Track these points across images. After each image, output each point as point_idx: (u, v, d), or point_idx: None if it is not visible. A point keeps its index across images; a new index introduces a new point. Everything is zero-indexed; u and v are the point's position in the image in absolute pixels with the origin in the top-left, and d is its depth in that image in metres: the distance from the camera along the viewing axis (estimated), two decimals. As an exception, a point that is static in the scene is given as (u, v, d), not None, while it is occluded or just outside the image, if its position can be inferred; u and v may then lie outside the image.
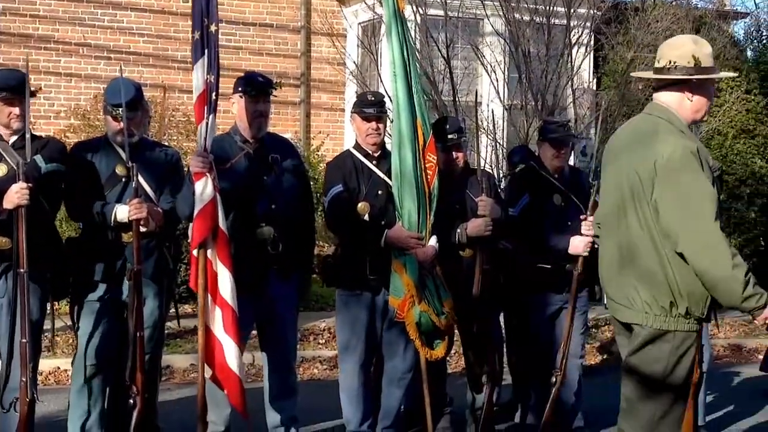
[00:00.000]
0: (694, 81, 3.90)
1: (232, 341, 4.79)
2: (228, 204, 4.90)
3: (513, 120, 10.11)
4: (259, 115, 5.18)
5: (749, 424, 6.44)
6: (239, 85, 5.20)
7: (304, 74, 12.34)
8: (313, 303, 9.89)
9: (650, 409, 4.02)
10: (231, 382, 4.84)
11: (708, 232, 3.74)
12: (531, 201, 5.81)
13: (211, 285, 4.80)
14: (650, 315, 3.91)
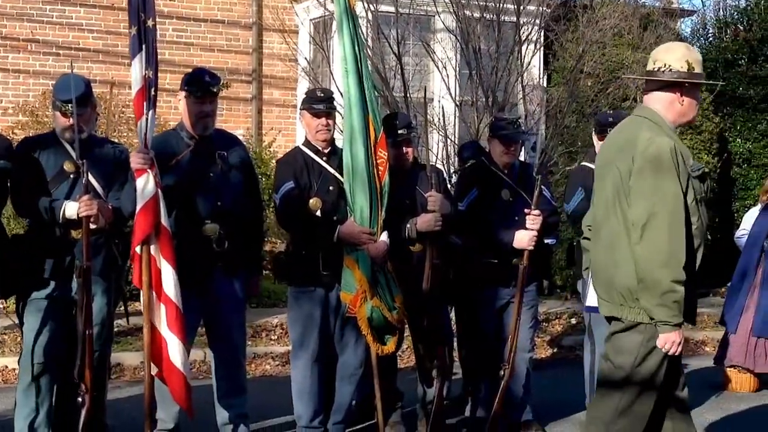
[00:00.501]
0: (686, 85, 4.08)
1: (176, 338, 4.77)
2: (173, 200, 4.88)
3: (464, 116, 10.17)
4: (204, 115, 5.17)
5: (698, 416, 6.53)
6: (185, 83, 5.18)
7: (256, 70, 12.29)
8: (265, 299, 9.88)
9: (614, 400, 4.09)
10: (176, 380, 4.82)
11: (659, 224, 3.86)
12: (479, 196, 5.86)
13: (155, 282, 4.78)
14: (624, 307, 4.03)
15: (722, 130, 12.69)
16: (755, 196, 12.54)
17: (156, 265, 4.78)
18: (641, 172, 3.94)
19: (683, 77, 4.06)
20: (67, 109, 4.90)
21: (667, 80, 4.08)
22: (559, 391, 7.02)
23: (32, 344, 4.95)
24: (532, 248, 5.65)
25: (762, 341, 7.25)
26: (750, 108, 12.98)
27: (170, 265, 4.78)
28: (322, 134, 5.42)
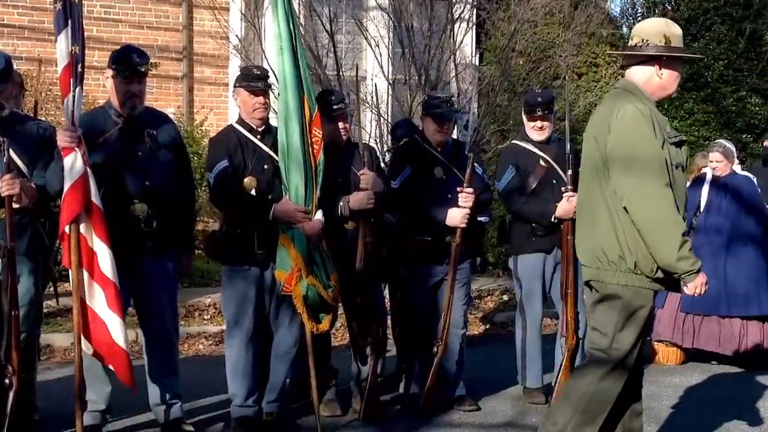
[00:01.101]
0: (664, 58, 4.22)
1: (116, 317, 4.72)
2: (100, 179, 4.79)
3: (397, 94, 10.18)
4: (132, 95, 5.09)
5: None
6: (112, 62, 5.09)
7: (186, 48, 12.11)
8: (198, 279, 9.80)
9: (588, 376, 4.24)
10: (119, 358, 4.78)
11: (649, 186, 4.03)
12: (413, 173, 5.88)
13: (87, 262, 4.71)
14: (601, 270, 4.17)
15: (650, 109, 12.89)
16: (682, 173, 12.81)
17: (88, 245, 4.70)
18: (619, 138, 4.09)
19: (661, 51, 4.21)
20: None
21: (645, 54, 4.24)
22: (491, 366, 7.10)
23: (-42, 326, 4.84)
24: (464, 226, 5.70)
25: (690, 317, 7.42)
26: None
27: (105, 245, 4.71)
28: (259, 113, 5.38)
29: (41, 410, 5.49)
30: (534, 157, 6.11)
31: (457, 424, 5.67)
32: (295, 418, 5.62)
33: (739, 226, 7.41)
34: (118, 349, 4.75)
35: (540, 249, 6.08)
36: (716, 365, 7.44)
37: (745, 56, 13.25)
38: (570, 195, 5.72)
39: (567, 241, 5.76)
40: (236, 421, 5.41)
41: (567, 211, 5.77)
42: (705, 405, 6.20)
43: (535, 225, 6.03)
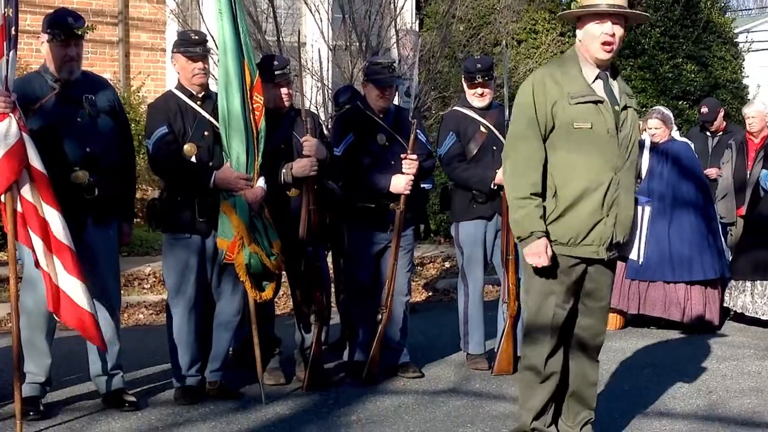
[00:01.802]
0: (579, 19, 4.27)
1: (77, 280, 4.63)
2: (38, 146, 4.66)
3: (338, 60, 10.11)
4: (69, 59, 4.96)
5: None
6: (47, 26, 4.94)
7: (122, 12, 11.86)
8: (137, 248, 9.68)
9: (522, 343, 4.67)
10: (86, 321, 4.69)
11: (509, 147, 4.32)
12: (355, 140, 5.84)
13: (40, 230, 4.59)
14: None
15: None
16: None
17: (39, 213, 4.58)
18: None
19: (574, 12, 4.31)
20: None
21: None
22: (434, 333, 7.14)
23: None
24: (408, 192, 5.69)
25: (635, 283, 7.51)
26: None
27: (54, 210, 4.60)
28: (198, 78, 5.28)
29: (-23, 382, 5.41)
30: (474, 123, 6.12)
31: (402, 391, 5.69)
32: (239, 387, 5.59)
33: (680, 192, 7.52)
34: (85, 313, 4.67)
35: (481, 216, 6.10)
36: (655, 330, 7.57)
37: (681, 23, 13.38)
38: None
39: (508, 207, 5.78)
40: (179, 391, 5.36)
41: (507, 177, 5.80)
42: (643, 369, 6.31)
43: (476, 192, 6.05)
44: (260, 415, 5.16)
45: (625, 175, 4.24)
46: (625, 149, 4.23)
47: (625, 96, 4.30)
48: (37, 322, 4.97)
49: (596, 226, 4.21)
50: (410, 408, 5.35)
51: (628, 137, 4.25)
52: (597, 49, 4.18)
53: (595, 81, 4.24)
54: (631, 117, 4.29)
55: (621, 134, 4.22)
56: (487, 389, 5.74)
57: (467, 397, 5.51)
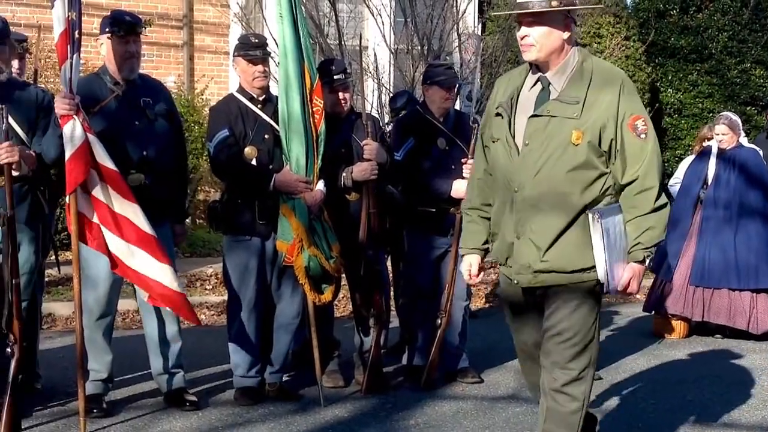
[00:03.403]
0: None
1: (166, 265, 4.71)
2: None
3: (399, 64, 10.11)
4: (129, 56, 5.03)
5: (631, 362, 6.67)
6: (106, 25, 5.02)
7: (187, 16, 12.00)
8: (200, 249, 9.78)
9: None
10: (179, 302, 4.80)
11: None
12: (416, 145, 5.82)
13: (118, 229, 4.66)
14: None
15: (654, 81, 12.83)
16: (686, 146, 12.76)
17: (111, 209, 4.65)
18: None
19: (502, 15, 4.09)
20: None
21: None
22: (494, 338, 7.09)
23: (-43, 295, 4.80)
24: (469, 197, 5.65)
25: (700, 290, 7.37)
26: (681, 58, 13.13)
27: (132, 202, 4.67)
28: (259, 81, 5.32)
29: (43, 379, 5.50)
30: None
31: (460, 397, 5.65)
32: (298, 389, 5.61)
33: (747, 199, 7.36)
34: (175, 294, 4.75)
35: None
36: (719, 339, 7.42)
37: (749, 27, 13.16)
38: None
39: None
40: (239, 392, 5.39)
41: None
42: (707, 379, 6.19)
43: None
44: (319, 418, 5.17)
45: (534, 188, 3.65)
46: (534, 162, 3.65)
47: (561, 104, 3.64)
48: (97, 321, 5.06)
49: (513, 249, 3.76)
50: (469, 413, 5.31)
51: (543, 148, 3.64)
52: (522, 51, 3.75)
53: (534, 86, 3.76)
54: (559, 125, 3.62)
55: (530, 146, 3.66)
56: (547, 396, 5.67)
57: (527, 404, 5.45)
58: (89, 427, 4.73)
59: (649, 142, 3.66)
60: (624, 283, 3.68)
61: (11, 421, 4.46)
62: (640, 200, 3.65)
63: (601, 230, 3.57)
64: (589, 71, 3.67)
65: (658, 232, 3.65)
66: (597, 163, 3.64)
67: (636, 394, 5.76)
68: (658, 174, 3.66)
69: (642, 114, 3.67)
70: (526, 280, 3.76)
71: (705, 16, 13.22)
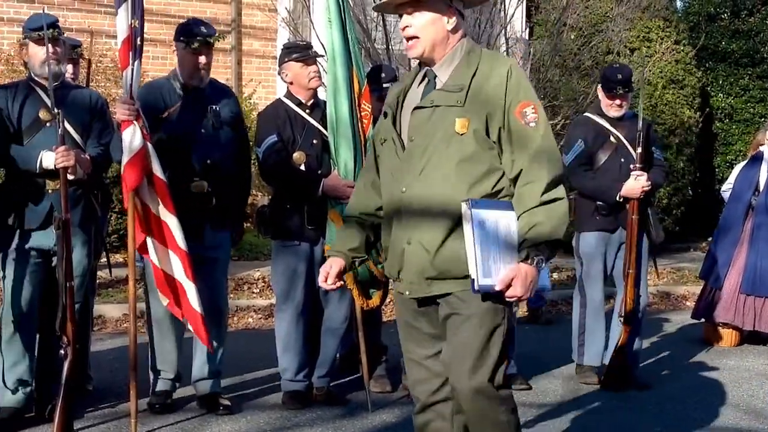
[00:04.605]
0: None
1: (191, 284, 4.80)
2: (164, 154, 4.79)
3: (446, 69, 10.08)
4: (200, 68, 5.10)
5: (681, 370, 6.59)
6: (181, 34, 5.08)
7: (235, 20, 12.10)
8: (247, 252, 9.83)
9: None
10: (198, 321, 4.84)
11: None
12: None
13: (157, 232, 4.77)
14: None
15: (704, 85, 12.67)
16: (737, 151, 12.60)
17: (155, 215, 4.75)
18: None
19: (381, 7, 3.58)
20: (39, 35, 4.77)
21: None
22: (543, 345, 7.04)
23: (12, 296, 4.88)
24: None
25: (751, 298, 7.25)
26: (732, 63, 12.97)
27: (173, 215, 4.76)
28: (315, 81, 5.35)
29: (94, 380, 5.56)
30: (604, 132, 6.02)
31: (508, 403, 5.61)
32: (345, 394, 5.62)
33: (800, 207, 7.23)
34: (196, 313, 4.82)
35: (603, 228, 6.00)
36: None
37: (802, 31, 12.95)
38: (638, 173, 5.72)
39: (632, 220, 5.74)
40: (287, 396, 5.41)
41: (633, 189, 5.74)
42: (760, 388, 6.09)
43: (600, 203, 5.95)
44: (366, 422, 5.17)
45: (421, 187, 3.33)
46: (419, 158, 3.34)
47: (444, 93, 3.35)
48: (167, 328, 5.15)
49: (404, 257, 3.39)
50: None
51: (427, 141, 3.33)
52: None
53: (422, 82, 3.47)
54: (442, 115, 3.32)
55: (415, 141, 3.36)
56: (596, 404, 5.63)
57: (576, 411, 5.41)
58: (140, 429, 4.78)
59: (538, 130, 3.28)
60: (503, 283, 3.18)
61: (64, 422, 4.51)
62: (526, 193, 3.25)
63: (471, 220, 3.18)
64: (476, 60, 3.37)
65: (547, 229, 3.21)
66: (486, 156, 3.30)
67: (685, 402, 5.69)
68: (549, 165, 3.26)
69: (532, 101, 3.32)
70: (420, 291, 3.37)
71: (757, 20, 13.04)
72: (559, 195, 3.27)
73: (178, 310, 4.90)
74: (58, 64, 4.88)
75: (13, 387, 4.90)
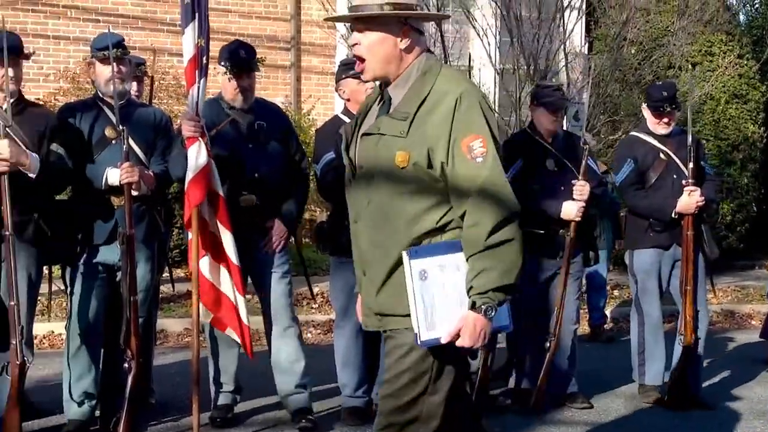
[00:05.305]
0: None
1: (242, 298, 4.91)
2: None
3: (505, 84, 10.07)
4: (242, 91, 5.16)
5: (747, 389, 6.46)
6: (223, 57, 5.14)
7: (294, 38, 12.22)
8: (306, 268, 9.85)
9: None
10: (246, 333, 4.96)
11: None
12: (524, 166, 5.77)
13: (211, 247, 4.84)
14: None
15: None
16: (802, 167, 12.35)
17: (211, 231, 4.84)
18: None
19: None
20: (105, 55, 4.88)
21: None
22: (603, 363, 6.97)
23: (78, 310, 4.97)
24: (579, 219, 5.58)
25: None
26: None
27: (228, 231, 4.84)
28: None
29: (157, 394, 5.62)
30: (654, 150, 5.97)
31: (569, 422, 5.56)
32: (404, 410, 5.58)
33: None
34: (245, 326, 4.91)
35: (657, 244, 5.93)
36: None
37: None
38: (692, 189, 5.67)
39: (687, 236, 5.68)
40: (346, 411, 5.41)
41: (688, 205, 5.68)
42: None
43: (654, 220, 5.89)
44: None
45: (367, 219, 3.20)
46: (365, 189, 3.19)
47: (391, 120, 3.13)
48: (228, 342, 5.19)
49: (363, 288, 3.29)
50: (578, 439, 5.23)
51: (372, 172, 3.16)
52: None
53: (381, 102, 3.28)
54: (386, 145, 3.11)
55: (364, 169, 3.20)
56: (659, 423, 5.55)
57: (636, 431, 5.34)
58: (202, 442, 4.83)
59: (485, 166, 3.02)
60: (449, 335, 2.99)
61: (128, 435, 4.58)
62: (471, 237, 3.01)
63: (411, 271, 3.00)
64: (430, 83, 3.13)
65: (494, 275, 2.99)
66: (430, 190, 3.08)
67: (749, 423, 5.58)
68: (496, 205, 3.02)
69: (480, 134, 3.04)
70: (371, 324, 3.26)
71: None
72: (507, 236, 3.02)
73: (221, 324, 4.97)
74: (122, 82, 4.99)
75: (79, 400, 4.98)
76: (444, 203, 3.08)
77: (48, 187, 4.83)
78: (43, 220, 4.77)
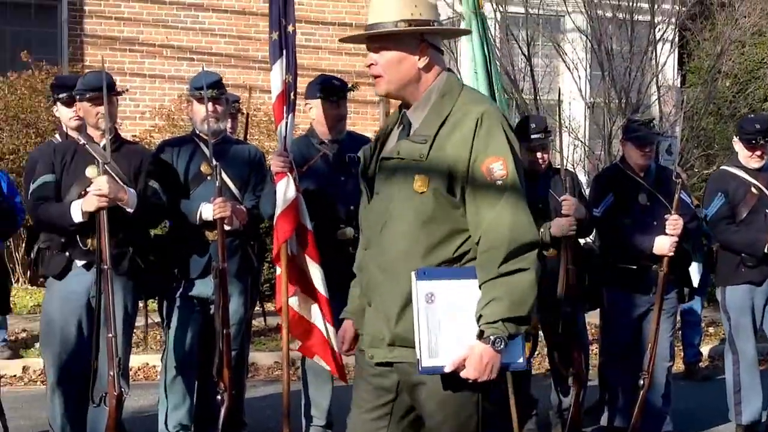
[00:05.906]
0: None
1: (332, 328, 4.86)
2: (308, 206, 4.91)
3: (595, 118, 10.00)
4: (340, 118, 5.23)
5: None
6: (317, 90, 5.21)
7: (384, 73, 12.35)
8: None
9: None
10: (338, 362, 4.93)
11: None
12: (615, 200, 5.71)
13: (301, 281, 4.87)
14: None
15: None
16: None
17: (300, 265, 4.87)
18: None
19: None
20: (201, 94, 5.01)
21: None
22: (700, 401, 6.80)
23: (173, 343, 5.08)
24: (672, 254, 5.48)
25: None
26: None
27: (316, 264, 4.87)
28: None
29: (249, 426, 5.68)
30: (745, 184, 5.86)
31: (663, 461, 5.44)
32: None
33: None
34: (337, 355, 4.90)
35: (750, 280, 5.81)
36: None
37: None
38: None
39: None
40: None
41: (783, 240, 5.54)
42: None
43: (746, 255, 5.77)
44: (516, 477, 5.09)
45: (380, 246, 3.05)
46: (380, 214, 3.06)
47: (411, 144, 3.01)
48: (321, 375, 5.21)
49: (364, 318, 3.17)
50: (673, 480, 5.11)
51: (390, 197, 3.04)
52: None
53: (400, 127, 3.16)
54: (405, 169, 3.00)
55: (380, 195, 3.09)
56: (758, 465, 5.39)
57: (735, 473, 5.20)
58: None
59: (505, 188, 2.91)
60: (453, 364, 2.85)
61: (220, 466, 4.64)
62: (485, 262, 2.88)
63: (417, 294, 2.88)
64: (450, 104, 3.02)
65: (505, 305, 2.83)
66: (449, 217, 2.96)
67: None
68: (514, 231, 2.88)
69: (501, 155, 2.92)
70: (380, 355, 3.05)
71: None
72: (522, 266, 2.86)
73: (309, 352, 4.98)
74: (217, 121, 5.11)
75: (174, 430, 5.08)
76: (462, 232, 2.96)
77: (143, 222, 4.96)
78: (138, 254, 4.87)
